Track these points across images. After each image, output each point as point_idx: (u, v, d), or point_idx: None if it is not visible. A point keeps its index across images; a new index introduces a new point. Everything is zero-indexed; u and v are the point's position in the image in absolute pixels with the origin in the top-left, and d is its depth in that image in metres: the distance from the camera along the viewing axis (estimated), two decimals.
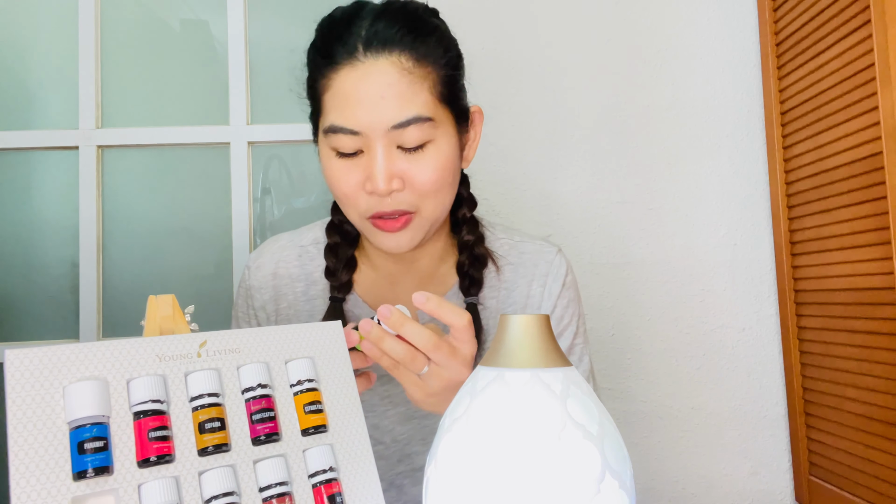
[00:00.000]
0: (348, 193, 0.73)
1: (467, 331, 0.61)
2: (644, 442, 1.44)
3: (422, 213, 0.74)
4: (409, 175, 0.71)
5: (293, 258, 0.87)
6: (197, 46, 1.58)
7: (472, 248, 0.83)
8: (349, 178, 0.72)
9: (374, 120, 0.69)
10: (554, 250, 0.88)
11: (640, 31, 1.49)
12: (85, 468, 0.45)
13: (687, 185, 1.47)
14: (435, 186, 0.73)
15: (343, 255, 0.84)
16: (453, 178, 0.76)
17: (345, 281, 0.83)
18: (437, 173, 0.72)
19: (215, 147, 1.54)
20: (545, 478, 0.40)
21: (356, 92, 0.70)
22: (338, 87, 0.71)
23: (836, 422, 1.26)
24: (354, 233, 0.85)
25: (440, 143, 0.73)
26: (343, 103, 0.70)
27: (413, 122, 0.70)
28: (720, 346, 1.45)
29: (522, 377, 0.44)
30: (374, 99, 0.69)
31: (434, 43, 0.74)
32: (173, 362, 0.51)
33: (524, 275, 0.86)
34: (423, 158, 0.71)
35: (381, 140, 0.70)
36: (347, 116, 0.70)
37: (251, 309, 0.87)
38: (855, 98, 1.15)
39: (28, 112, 1.54)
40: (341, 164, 0.73)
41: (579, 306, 0.90)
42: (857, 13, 1.13)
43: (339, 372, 0.58)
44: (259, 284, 0.86)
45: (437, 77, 0.73)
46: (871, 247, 1.13)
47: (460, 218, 0.85)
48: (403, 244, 0.75)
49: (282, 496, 0.50)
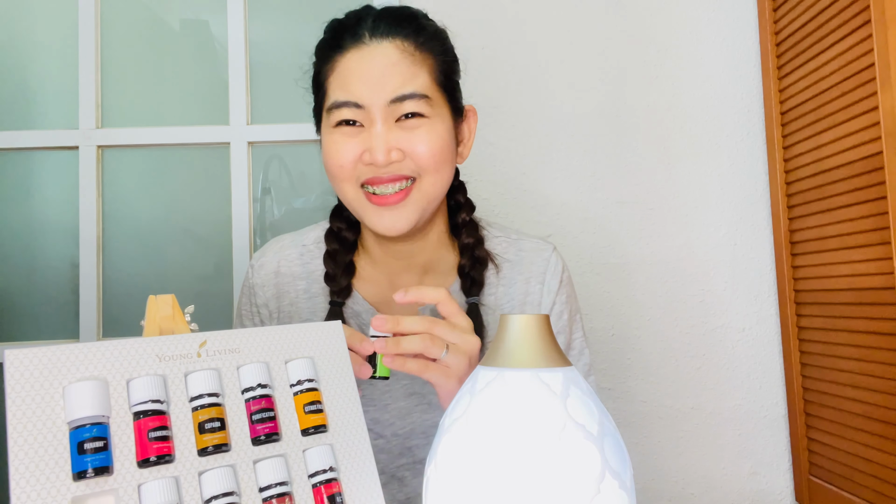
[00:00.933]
0: (344, 165, 0.76)
1: (450, 301, 0.66)
2: (644, 442, 1.44)
3: (421, 184, 0.77)
4: (409, 146, 0.75)
5: (295, 257, 0.89)
6: (197, 46, 1.58)
7: (472, 251, 0.85)
8: (347, 149, 0.76)
9: (375, 93, 0.74)
10: (550, 248, 0.90)
11: (640, 31, 1.49)
12: (85, 468, 0.45)
13: (687, 185, 1.47)
14: (433, 160, 0.76)
15: (342, 261, 0.86)
16: (451, 160, 0.80)
17: (344, 286, 0.85)
18: (435, 148, 0.76)
19: (215, 147, 1.54)
20: (545, 478, 0.40)
21: (359, 69, 0.75)
22: (342, 67, 0.76)
23: (836, 422, 1.26)
24: (352, 238, 0.87)
25: (436, 123, 0.77)
26: (347, 80, 0.76)
27: (412, 97, 0.75)
28: (720, 346, 1.45)
29: (522, 377, 0.44)
30: (377, 75, 0.74)
31: (433, 35, 0.80)
32: (173, 362, 0.51)
33: (522, 272, 0.88)
34: (420, 132, 0.76)
35: (381, 113, 0.74)
36: (351, 91, 0.75)
37: (254, 306, 0.89)
38: (855, 98, 1.15)
39: (28, 112, 1.54)
40: (342, 135, 0.76)
41: (576, 302, 0.91)
42: (857, 13, 1.13)
43: (339, 372, 0.58)
44: (262, 282, 0.88)
45: (435, 64, 0.79)
46: (871, 247, 1.13)
47: (460, 222, 0.87)
48: (402, 221, 0.77)
49: (282, 496, 0.50)
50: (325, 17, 0.84)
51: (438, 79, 0.78)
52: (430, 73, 0.77)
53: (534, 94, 1.47)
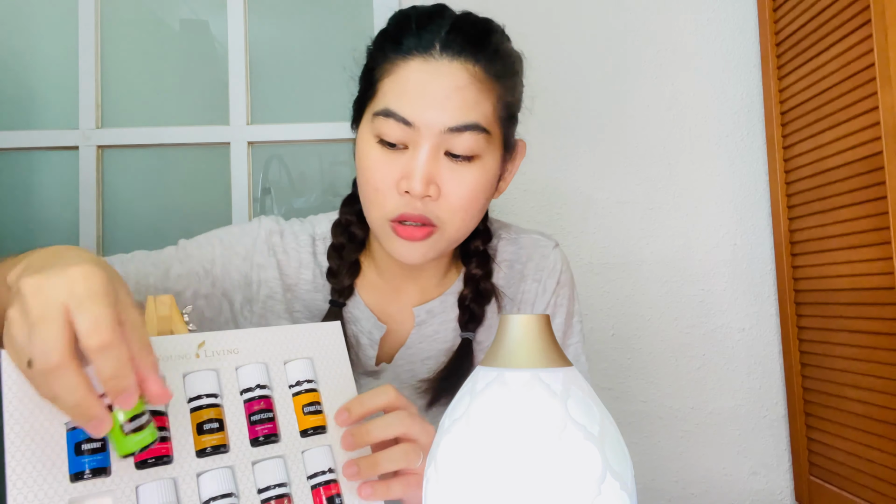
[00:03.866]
0: (380, 189, 0.70)
1: (399, 397, 0.57)
2: (644, 442, 1.44)
3: (444, 230, 0.71)
4: (447, 186, 0.69)
5: (307, 244, 0.83)
6: (197, 46, 1.58)
7: (477, 282, 0.81)
8: (385, 172, 0.69)
9: (432, 117, 0.67)
10: (550, 244, 0.87)
11: (640, 31, 1.49)
12: (82, 469, 0.45)
13: (687, 184, 1.47)
14: (467, 204, 0.71)
15: (348, 257, 0.81)
16: (484, 203, 0.74)
17: (346, 285, 0.80)
18: (474, 192, 0.70)
19: (215, 147, 1.54)
20: (546, 479, 0.40)
21: (422, 85, 0.68)
22: (403, 75, 0.69)
23: (836, 422, 1.26)
24: (362, 236, 0.82)
25: (486, 161, 0.71)
26: (404, 91, 0.68)
27: (471, 128, 0.68)
28: (720, 346, 1.45)
29: (522, 377, 0.43)
30: (439, 97, 0.67)
31: (508, 64, 0.74)
32: (171, 363, 0.51)
33: (519, 270, 0.85)
34: (466, 171, 0.69)
35: (432, 140, 0.68)
36: (405, 105, 0.68)
37: (250, 263, 0.80)
38: (855, 98, 1.15)
39: (28, 112, 1.54)
40: (381, 154, 0.70)
41: (575, 304, 0.88)
42: (857, 13, 1.13)
43: (338, 373, 0.58)
44: (263, 262, 0.81)
45: (502, 95, 0.72)
46: (871, 247, 1.12)
47: (472, 249, 0.82)
48: (417, 256, 0.72)
49: (281, 497, 0.50)
50: (325, 17, 0.81)
51: (501, 112, 0.72)
52: (495, 104, 0.71)
53: (533, 94, 1.47)
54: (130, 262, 0.77)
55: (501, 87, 0.72)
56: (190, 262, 0.78)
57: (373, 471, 0.53)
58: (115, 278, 0.45)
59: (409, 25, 0.71)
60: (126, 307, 0.44)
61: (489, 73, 0.70)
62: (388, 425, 0.55)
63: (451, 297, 0.83)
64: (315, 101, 1.53)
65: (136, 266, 0.77)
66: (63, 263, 0.43)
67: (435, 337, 0.83)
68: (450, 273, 0.85)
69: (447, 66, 0.68)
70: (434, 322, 0.83)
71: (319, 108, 1.53)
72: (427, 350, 0.83)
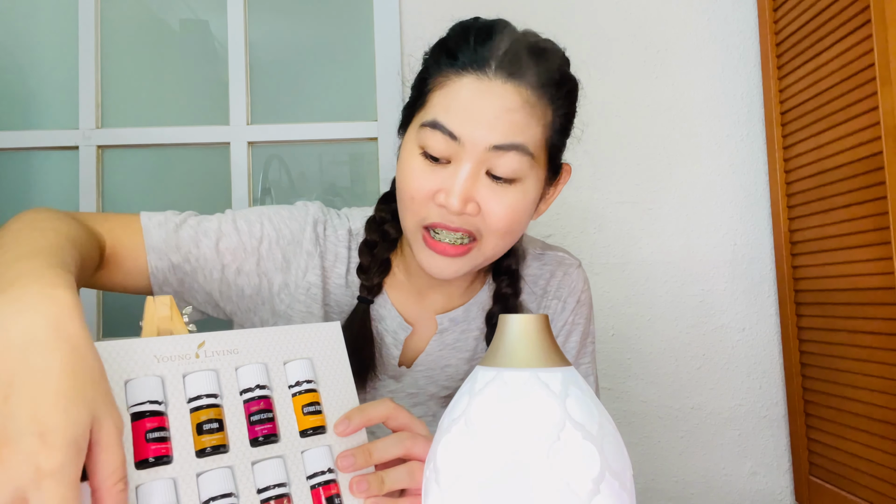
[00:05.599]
0: (416, 198, 0.70)
1: (399, 411, 0.57)
2: (644, 442, 1.44)
3: (482, 246, 0.71)
4: (487, 205, 0.69)
5: (344, 238, 0.82)
6: (197, 46, 1.58)
7: (507, 300, 0.81)
8: (423, 182, 0.69)
9: (479, 133, 0.66)
10: (574, 263, 0.87)
11: (641, 30, 1.49)
12: None
13: (687, 185, 1.47)
14: (506, 226, 0.70)
15: (379, 255, 0.80)
16: (525, 223, 0.74)
17: (375, 283, 0.79)
18: (514, 214, 0.70)
19: (215, 147, 1.54)
20: (545, 478, 0.40)
21: (473, 102, 0.67)
22: (455, 89, 0.68)
23: (836, 422, 1.26)
24: (395, 234, 0.81)
25: (528, 185, 0.70)
26: (454, 105, 0.68)
27: (516, 148, 0.67)
28: (720, 346, 1.45)
29: (522, 377, 0.43)
30: (488, 116, 0.67)
31: (563, 91, 0.73)
32: (171, 363, 0.51)
33: (542, 287, 0.85)
34: (506, 193, 0.69)
35: (475, 157, 0.67)
36: (453, 118, 0.67)
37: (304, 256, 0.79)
38: (855, 98, 1.15)
39: (28, 112, 1.54)
40: (423, 165, 0.69)
41: (591, 325, 0.88)
42: (857, 13, 1.13)
43: (338, 373, 0.58)
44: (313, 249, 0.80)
45: (551, 123, 0.71)
46: (871, 247, 1.12)
47: (504, 267, 0.82)
48: (448, 271, 0.71)
49: (280, 497, 0.50)
50: (325, 18, 0.81)
51: (548, 139, 0.71)
52: (545, 129, 0.70)
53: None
54: (183, 228, 0.77)
55: (553, 112, 0.71)
56: (239, 236, 0.78)
57: (379, 489, 0.53)
58: (87, 384, 0.42)
59: (466, 39, 0.70)
60: (101, 416, 0.42)
61: (542, 98, 0.69)
62: (388, 447, 0.55)
63: (474, 306, 0.83)
64: (315, 101, 1.53)
65: (189, 233, 0.77)
66: (28, 405, 0.40)
67: (455, 345, 0.83)
68: (475, 283, 0.85)
69: (500, 87, 0.67)
70: (456, 330, 0.83)
71: (319, 108, 1.53)
72: (447, 357, 0.83)
